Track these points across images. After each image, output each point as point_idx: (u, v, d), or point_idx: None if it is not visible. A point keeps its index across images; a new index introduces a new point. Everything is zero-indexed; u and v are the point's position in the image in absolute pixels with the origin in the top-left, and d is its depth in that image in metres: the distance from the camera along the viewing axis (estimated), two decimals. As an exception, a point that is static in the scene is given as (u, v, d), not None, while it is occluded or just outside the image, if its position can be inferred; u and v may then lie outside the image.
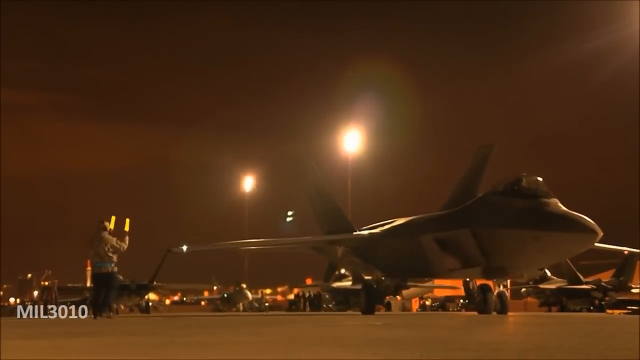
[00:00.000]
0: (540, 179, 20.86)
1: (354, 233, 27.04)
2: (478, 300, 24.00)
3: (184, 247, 25.71)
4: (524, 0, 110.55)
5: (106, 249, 19.63)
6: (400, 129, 78.69)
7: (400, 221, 25.90)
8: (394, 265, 25.39)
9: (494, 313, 22.24)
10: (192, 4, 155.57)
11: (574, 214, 19.59)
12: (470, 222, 21.91)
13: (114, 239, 19.85)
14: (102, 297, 19.54)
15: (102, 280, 19.87)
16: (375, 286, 26.28)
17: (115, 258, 19.85)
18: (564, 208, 19.92)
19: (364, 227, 27.34)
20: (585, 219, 19.39)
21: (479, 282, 25.19)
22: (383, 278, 26.46)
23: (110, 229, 20.08)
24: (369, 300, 25.59)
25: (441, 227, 23.12)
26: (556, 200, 20.11)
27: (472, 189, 25.04)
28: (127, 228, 20.18)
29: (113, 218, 20.27)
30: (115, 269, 20.06)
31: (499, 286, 22.50)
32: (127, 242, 20.03)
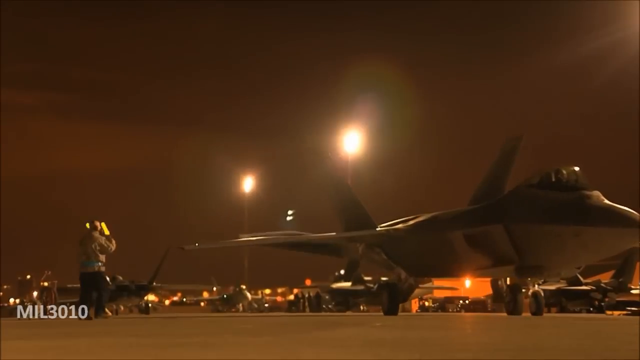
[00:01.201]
0: (578, 169, 19.51)
1: (377, 229, 25.62)
2: (507, 301, 22.83)
3: (196, 245, 24.99)
4: (523, 1, 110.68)
5: (93, 246, 19.58)
6: (400, 130, 78.63)
7: (424, 217, 24.45)
8: (420, 263, 23.94)
9: (527, 314, 21.18)
10: (191, 4, 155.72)
11: (619, 207, 18.16)
12: (502, 217, 20.47)
13: (103, 238, 19.79)
14: (95, 299, 19.50)
15: (89, 280, 19.77)
16: (398, 285, 24.82)
17: (102, 258, 19.77)
18: (606, 201, 18.53)
19: (384, 224, 25.95)
20: (631, 212, 17.91)
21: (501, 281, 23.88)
22: (403, 276, 24.78)
23: (101, 229, 20.04)
24: (391, 300, 24.28)
25: (471, 223, 21.68)
26: (598, 192, 18.74)
27: (499, 183, 23.67)
28: (106, 232, 20.05)
29: (104, 224, 20.17)
30: (103, 269, 19.96)
31: (534, 285, 21.33)
32: (114, 244, 19.94)
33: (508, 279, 23.14)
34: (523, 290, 22.32)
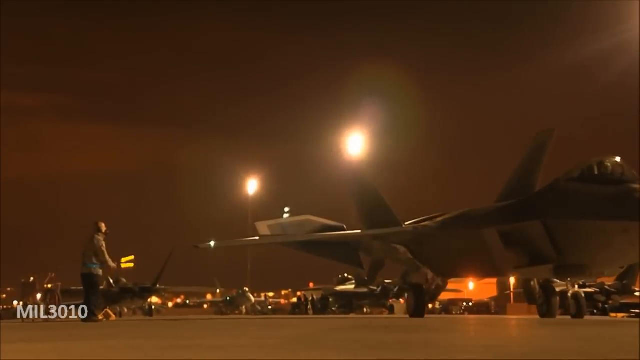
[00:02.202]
0: (623, 161, 18.11)
1: (403, 226, 24.17)
2: (540, 303, 21.93)
3: (212, 243, 24.03)
4: (527, 3, 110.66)
5: (91, 248, 19.73)
6: (403, 132, 78.66)
7: (453, 214, 23.02)
8: (449, 262, 22.58)
9: (567, 317, 20.26)
10: (195, 6, 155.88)
11: None
12: (540, 212, 19.04)
13: (103, 246, 19.88)
14: (85, 300, 19.56)
15: (84, 280, 19.98)
16: (424, 287, 23.43)
17: (99, 260, 19.89)
18: None
19: (407, 222, 24.62)
20: None
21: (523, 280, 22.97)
22: (430, 277, 23.42)
23: (105, 231, 20.12)
24: (417, 301, 23.18)
25: (506, 219, 20.16)
26: None
27: (530, 179, 22.57)
28: (123, 265, 20.14)
29: (132, 257, 20.26)
30: (99, 272, 20.14)
31: (573, 286, 20.32)
32: (111, 265, 20.10)
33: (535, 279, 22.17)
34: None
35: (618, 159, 18.17)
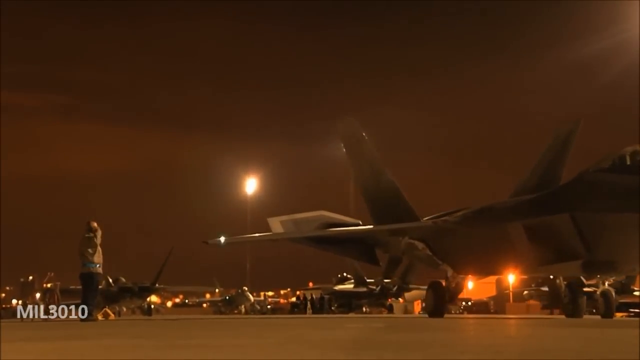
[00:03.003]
0: None
1: (422, 221, 23.01)
2: (566, 302, 21.02)
3: (222, 239, 23.41)
4: (525, 2, 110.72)
5: (90, 250, 19.78)
6: (402, 132, 78.61)
7: (474, 208, 21.69)
8: (471, 259, 21.41)
9: (594, 317, 19.52)
10: (195, 6, 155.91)
11: None
12: (568, 205, 17.86)
13: (97, 245, 19.92)
14: (83, 300, 19.57)
15: (85, 280, 20.00)
16: (444, 284, 22.35)
17: (96, 259, 19.90)
18: None
19: (426, 218, 23.59)
20: None
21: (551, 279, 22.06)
22: (450, 275, 22.29)
23: (97, 230, 20.13)
24: (437, 300, 22.03)
25: (532, 213, 18.94)
26: None
27: (555, 172, 21.53)
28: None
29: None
30: (100, 271, 20.23)
31: (603, 284, 19.57)
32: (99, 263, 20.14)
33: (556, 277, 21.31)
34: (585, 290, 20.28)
35: None
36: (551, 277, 23.31)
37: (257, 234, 26.59)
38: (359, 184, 26.39)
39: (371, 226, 24.63)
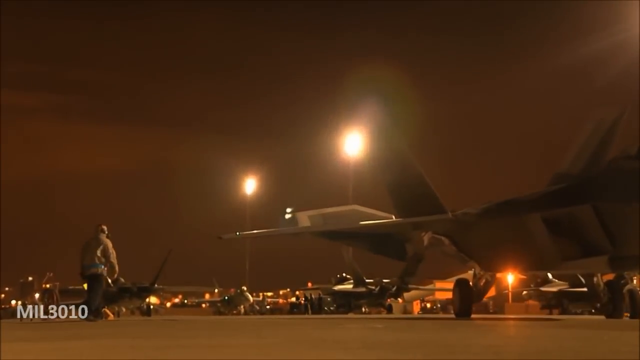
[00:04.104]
0: None
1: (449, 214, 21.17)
2: (605, 301, 19.77)
3: (236, 233, 22.53)
4: (524, 2, 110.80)
5: (99, 251, 19.70)
6: (402, 131, 78.65)
7: (495, 202, 20.12)
8: (493, 254, 19.75)
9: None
10: (193, 5, 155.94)
11: None
12: (591, 195, 16.56)
13: (110, 244, 19.88)
14: (86, 300, 19.54)
15: (91, 280, 20.00)
16: (471, 283, 21.31)
17: (104, 261, 19.89)
18: None
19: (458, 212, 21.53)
20: None
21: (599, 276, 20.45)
22: (477, 272, 21.32)
23: (106, 232, 20.11)
24: (463, 300, 20.72)
25: (555, 204, 17.51)
26: None
27: (601, 162, 18.82)
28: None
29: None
30: (105, 272, 20.16)
31: (631, 281, 18.55)
32: (116, 266, 20.08)
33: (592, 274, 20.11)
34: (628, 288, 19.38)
35: None
36: (579, 275, 22.05)
37: (272, 229, 25.48)
38: (384, 176, 24.46)
39: (392, 220, 23.15)
